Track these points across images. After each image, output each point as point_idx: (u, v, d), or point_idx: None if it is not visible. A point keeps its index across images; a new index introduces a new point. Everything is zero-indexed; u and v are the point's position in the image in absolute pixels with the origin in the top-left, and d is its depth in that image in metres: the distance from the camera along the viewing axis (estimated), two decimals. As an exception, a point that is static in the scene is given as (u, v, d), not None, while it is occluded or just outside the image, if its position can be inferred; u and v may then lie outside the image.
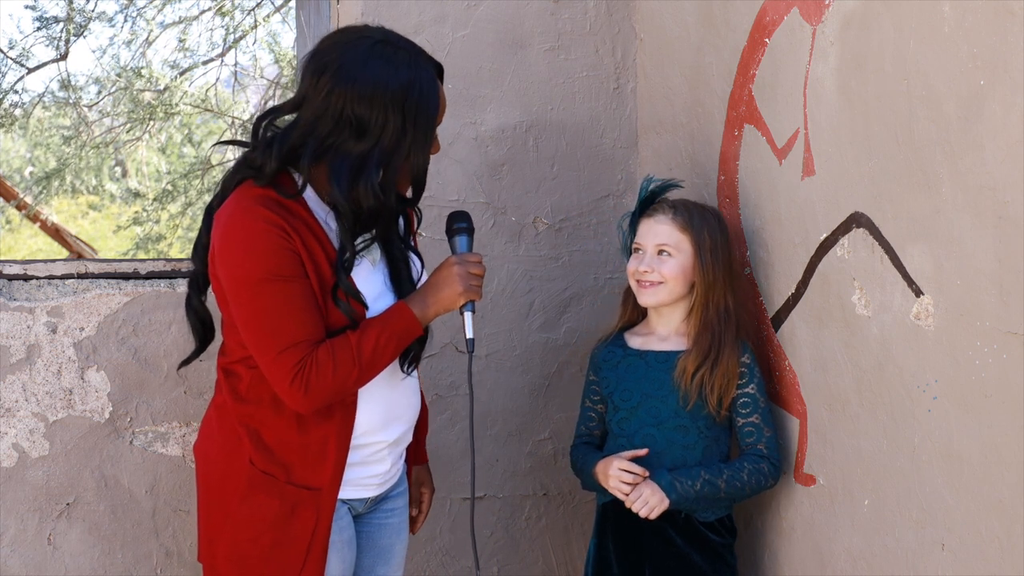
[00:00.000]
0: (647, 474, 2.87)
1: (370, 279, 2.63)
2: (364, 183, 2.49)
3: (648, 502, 2.85)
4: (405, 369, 2.68)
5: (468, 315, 2.68)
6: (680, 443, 2.92)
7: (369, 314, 2.60)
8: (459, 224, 2.74)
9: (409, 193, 2.66)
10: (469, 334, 2.69)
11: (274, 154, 2.53)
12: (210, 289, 2.71)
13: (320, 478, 2.60)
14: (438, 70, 2.62)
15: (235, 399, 2.61)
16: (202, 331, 2.75)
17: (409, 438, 2.78)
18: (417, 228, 2.80)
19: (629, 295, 3.06)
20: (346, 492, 2.65)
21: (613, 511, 2.97)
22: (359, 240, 2.58)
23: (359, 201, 2.50)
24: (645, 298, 2.98)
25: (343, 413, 2.60)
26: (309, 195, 2.58)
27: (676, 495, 2.85)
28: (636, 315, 3.08)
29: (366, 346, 2.53)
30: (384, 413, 2.67)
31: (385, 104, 2.49)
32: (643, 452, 2.91)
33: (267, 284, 2.48)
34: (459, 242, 2.73)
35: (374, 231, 2.61)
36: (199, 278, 2.70)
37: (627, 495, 2.87)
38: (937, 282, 2.44)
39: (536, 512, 3.57)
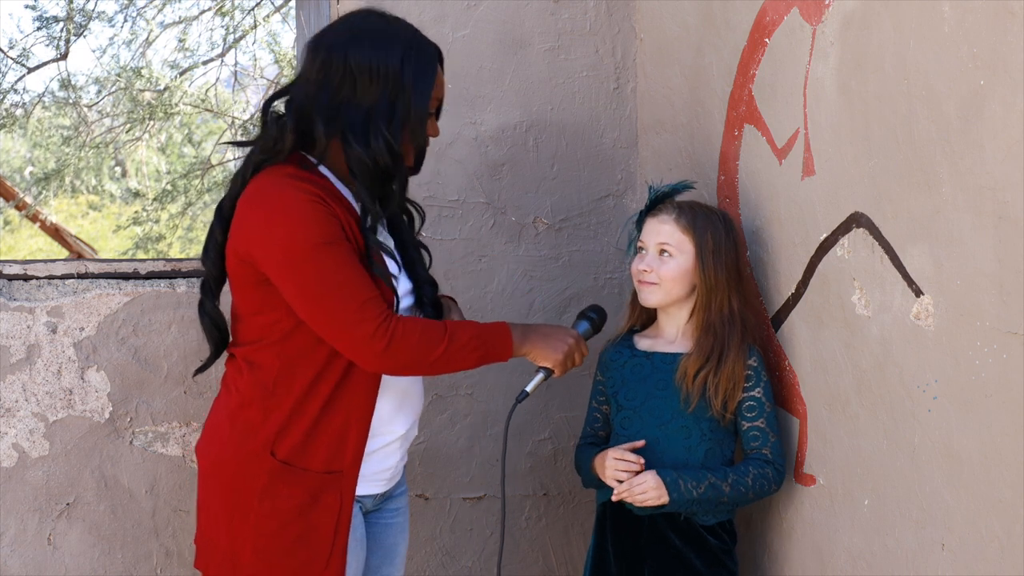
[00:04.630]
0: (643, 462, 2.86)
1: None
2: (375, 138, 2.54)
3: (647, 492, 2.83)
4: None
5: (540, 376, 2.79)
6: (683, 445, 2.92)
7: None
8: (592, 314, 2.88)
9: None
10: (529, 388, 2.80)
11: (289, 126, 2.57)
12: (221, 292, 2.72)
13: (341, 460, 2.59)
14: (437, 50, 2.67)
15: (260, 388, 2.59)
16: (217, 336, 2.73)
17: (415, 433, 2.80)
18: (420, 227, 2.82)
19: (636, 295, 3.06)
20: (361, 487, 2.65)
21: (612, 510, 2.96)
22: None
23: (376, 158, 2.55)
24: (644, 297, 2.98)
25: (364, 397, 2.61)
26: (326, 172, 2.62)
27: (677, 493, 2.84)
28: (645, 316, 3.07)
29: (461, 333, 2.58)
30: (397, 402, 2.68)
31: (386, 64, 2.55)
32: (640, 443, 2.90)
33: (324, 248, 2.49)
34: (582, 325, 2.86)
35: (385, 226, 2.67)
36: (212, 281, 2.69)
37: (620, 482, 2.86)
38: (937, 282, 2.44)
39: (536, 512, 3.57)
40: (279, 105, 2.64)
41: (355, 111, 2.54)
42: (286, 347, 2.57)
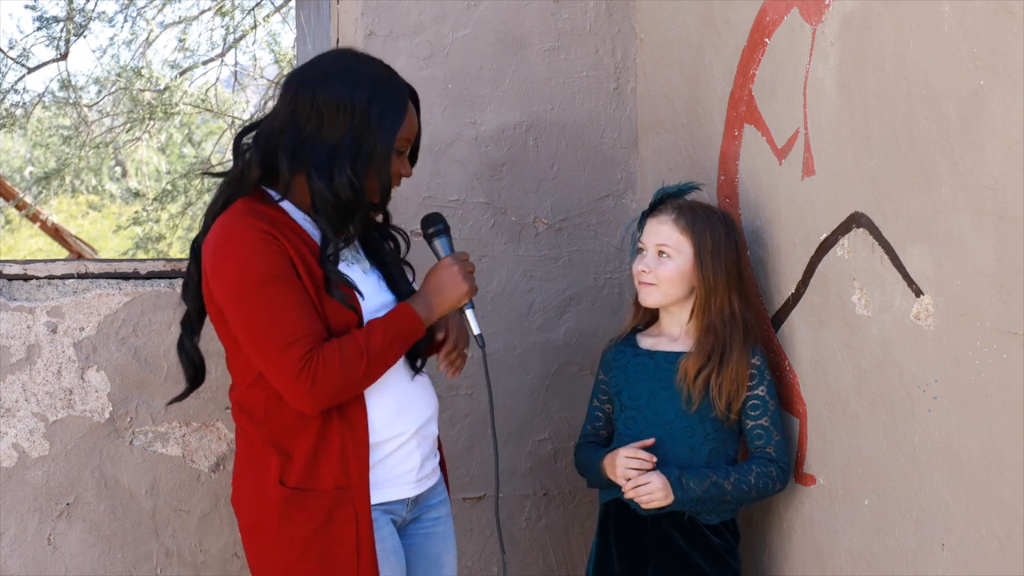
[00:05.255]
0: (655, 460, 2.87)
1: (365, 282, 2.67)
2: (339, 174, 2.56)
3: (653, 493, 2.84)
4: (416, 367, 2.72)
5: (470, 312, 2.75)
6: (686, 444, 2.92)
7: (366, 310, 2.62)
8: (436, 226, 2.79)
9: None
10: (477, 330, 2.76)
11: (255, 159, 2.60)
12: (204, 329, 2.72)
13: (346, 477, 2.60)
14: (411, 90, 2.68)
15: (256, 425, 2.62)
16: (193, 373, 2.77)
17: (434, 430, 2.79)
18: (407, 252, 2.84)
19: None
20: (381, 494, 2.65)
21: (615, 510, 2.96)
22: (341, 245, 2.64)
23: (338, 192, 2.56)
24: (642, 297, 2.99)
25: (354, 411, 2.61)
26: (287, 206, 2.64)
27: (682, 492, 2.84)
28: (648, 315, 3.08)
29: (374, 342, 2.56)
30: (396, 405, 2.67)
31: (352, 101, 2.57)
32: (650, 442, 2.90)
33: (265, 285, 2.51)
34: (442, 243, 2.78)
35: (356, 242, 2.69)
36: (192, 317, 2.72)
37: (629, 480, 2.86)
38: (937, 282, 2.44)
39: (536, 512, 3.57)
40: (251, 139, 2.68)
41: (320, 147, 2.57)
42: (265, 384, 2.60)
